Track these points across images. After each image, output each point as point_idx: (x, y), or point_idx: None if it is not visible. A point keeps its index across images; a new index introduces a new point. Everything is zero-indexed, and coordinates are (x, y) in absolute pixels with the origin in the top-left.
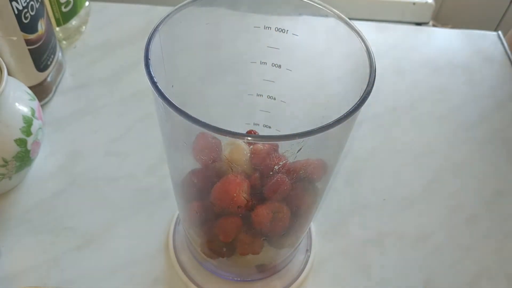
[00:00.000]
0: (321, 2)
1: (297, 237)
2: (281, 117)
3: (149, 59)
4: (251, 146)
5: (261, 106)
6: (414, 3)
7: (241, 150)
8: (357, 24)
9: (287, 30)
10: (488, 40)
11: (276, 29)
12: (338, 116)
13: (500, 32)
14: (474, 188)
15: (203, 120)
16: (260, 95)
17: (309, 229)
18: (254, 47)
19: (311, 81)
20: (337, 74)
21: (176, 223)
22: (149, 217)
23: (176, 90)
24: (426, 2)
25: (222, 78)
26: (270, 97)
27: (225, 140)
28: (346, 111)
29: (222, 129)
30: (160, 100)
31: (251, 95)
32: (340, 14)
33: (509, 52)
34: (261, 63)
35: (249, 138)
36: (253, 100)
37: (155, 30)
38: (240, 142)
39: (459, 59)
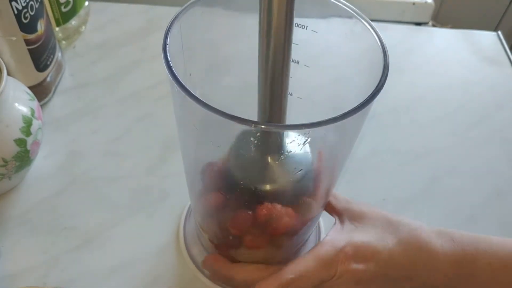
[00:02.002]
0: (342, 1)
1: (305, 234)
2: (296, 113)
3: (167, 44)
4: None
5: None
6: (413, 3)
7: None
8: None
9: (307, 26)
10: (487, 40)
11: (296, 24)
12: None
13: (499, 32)
14: (474, 188)
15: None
16: None
17: (318, 223)
18: None
19: (328, 78)
20: (353, 72)
21: (187, 218)
22: (149, 217)
23: (194, 79)
24: (426, 2)
25: (240, 71)
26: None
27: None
28: None
29: (229, 114)
30: (174, 84)
31: None
32: (359, 12)
33: (509, 52)
34: None
35: (256, 125)
36: None
37: (175, 18)
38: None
39: (458, 59)
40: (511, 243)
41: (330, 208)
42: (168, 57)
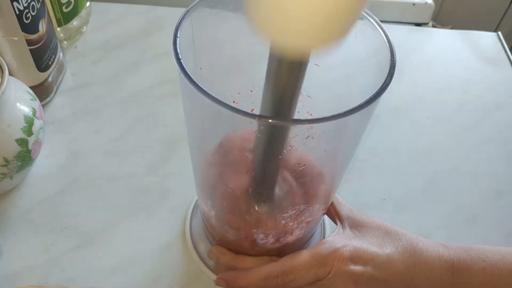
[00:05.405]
0: None
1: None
2: (305, 111)
3: (177, 37)
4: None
5: None
6: (414, 4)
7: None
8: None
9: None
10: (488, 40)
11: None
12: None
13: (499, 33)
14: (474, 188)
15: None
16: None
17: (323, 220)
18: None
19: (337, 77)
20: (362, 71)
21: (193, 214)
22: (150, 216)
23: (204, 74)
24: (426, 3)
25: (250, 68)
26: None
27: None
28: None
29: (235, 107)
30: (183, 76)
31: None
32: (369, 12)
33: (508, 52)
34: None
35: (259, 119)
36: None
37: (186, 13)
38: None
39: (459, 60)
40: (503, 250)
41: (333, 213)
42: (178, 49)
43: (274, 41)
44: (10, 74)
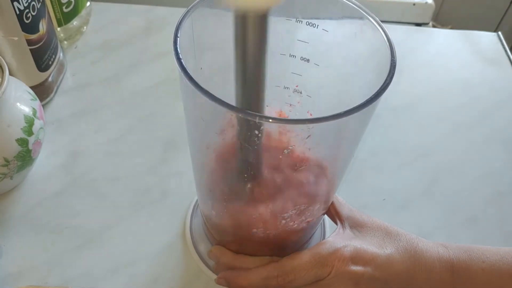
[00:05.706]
0: (354, 2)
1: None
2: (305, 111)
3: (177, 37)
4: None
5: (287, 99)
6: (414, 4)
7: None
8: None
9: (318, 25)
10: (488, 40)
11: (307, 23)
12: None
13: (500, 33)
14: (474, 188)
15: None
16: (287, 88)
17: (323, 220)
18: (285, 39)
19: (337, 78)
20: (362, 71)
21: (193, 214)
22: (150, 216)
23: (205, 73)
24: (426, 3)
25: None
26: (296, 91)
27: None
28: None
29: (234, 106)
30: (183, 76)
31: (278, 87)
32: (370, 12)
33: (509, 52)
34: (290, 55)
35: (260, 119)
36: (280, 92)
37: (186, 13)
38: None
39: (459, 60)
40: (503, 250)
41: (333, 213)
42: (178, 49)
43: (237, 5)
44: (10, 74)
